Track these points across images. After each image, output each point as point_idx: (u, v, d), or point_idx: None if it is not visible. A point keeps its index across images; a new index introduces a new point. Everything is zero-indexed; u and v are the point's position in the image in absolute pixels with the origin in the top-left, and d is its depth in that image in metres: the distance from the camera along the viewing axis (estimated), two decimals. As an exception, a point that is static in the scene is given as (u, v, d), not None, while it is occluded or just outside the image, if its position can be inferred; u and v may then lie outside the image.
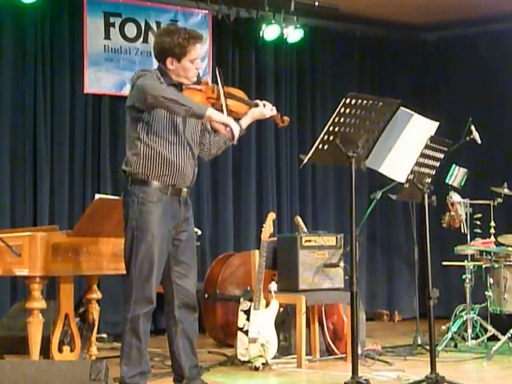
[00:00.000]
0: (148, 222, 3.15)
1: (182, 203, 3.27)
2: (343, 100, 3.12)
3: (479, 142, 4.97)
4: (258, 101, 3.41)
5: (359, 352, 3.58)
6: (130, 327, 3.16)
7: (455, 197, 5.05)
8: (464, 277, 5.04)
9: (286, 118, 3.47)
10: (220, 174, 6.33)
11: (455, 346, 4.87)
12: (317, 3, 6.21)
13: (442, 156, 3.58)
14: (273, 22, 6.25)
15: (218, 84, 3.31)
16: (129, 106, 3.24)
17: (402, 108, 3.35)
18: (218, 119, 3.15)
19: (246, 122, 3.39)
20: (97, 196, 3.76)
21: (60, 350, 3.77)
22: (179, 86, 3.27)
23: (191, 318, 3.32)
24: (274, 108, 3.42)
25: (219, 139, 3.43)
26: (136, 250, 3.16)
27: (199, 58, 3.30)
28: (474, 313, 4.97)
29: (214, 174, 6.31)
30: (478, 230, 5.19)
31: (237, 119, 3.32)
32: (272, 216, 4.52)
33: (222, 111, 3.25)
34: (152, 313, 3.25)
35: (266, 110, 3.39)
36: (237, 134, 3.15)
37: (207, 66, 4.37)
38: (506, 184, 5.14)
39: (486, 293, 4.99)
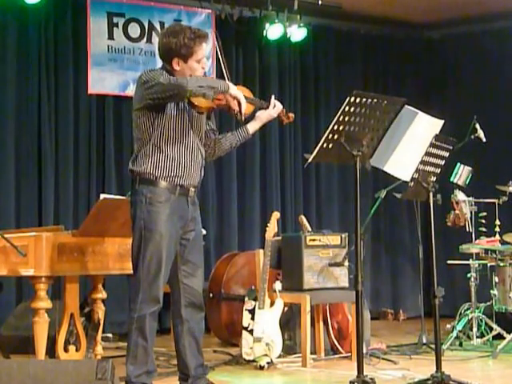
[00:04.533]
0: (156, 222, 3.15)
1: (190, 203, 3.27)
2: (348, 98, 3.11)
3: (484, 140, 4.96)
4: (272, 99, 3.37)
5: (364, 351, 3.57)
6: (136, 327, 3.16)
7: (460, 195, 5.04)
8: (469, 275, 5.03)
9: (291, 115, 3.44)
10: (224, 173, 6.33)
11: (460, 344, 4.86)
12: (320, 2, 6.21)
13: (447, 154, 3.58)
14: (276, 20, 6.25)
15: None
16: (140, 107, 3.18)
17: (406, 106, 3.34)
18: (235, 93, 3.20)
19: (254, 126, 3.40)
20: (102, 196, 3.76)
21: (65, 350, 3.78)
22: None
23: (197, 317, 3.31)
24: (279, 104, 3.39)
25: (225, 142, 3.42)
26: (144, 250, 3.15)
27: (205, 58, 3.30)
28: (479, 311, 4.96)
29: (218, 173, 6.32)
30: (483, 229, 5.19)
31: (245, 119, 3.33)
32: (276, 215, 4.52)
33: (228, 110, 3.27)
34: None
35: (273, 110, 3.38)
36: (244, 110, 3.20)
37: (211, 65, 4.37)
38: (510, 182, 5.13)
39: (491, 291, 4.98)
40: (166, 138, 3.19)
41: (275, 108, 3.38)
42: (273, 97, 3.40)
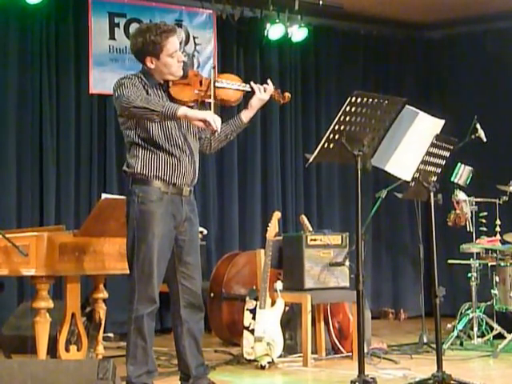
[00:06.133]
0: (148, 222, 3.15)
1: (185, 202, 3.25)
2: (349, 98, 3.11)
3: (484, 140, 4.97)
4: (253, 84, 3.28)
5: (365, 350, 3.58)
6: (134, 327, 3.16)
7: (460, 195, 5.05)
8: (470, 275, 5.04)
9: (287, 94, 3.36)
10: (225, 173, 6.34)
11: (461, 344, 4.86)
12: (321, 2, 6.21)
13: (447, 154, 3.58)
14: (277, 21, 6.26)
15: (210, 78, 3.24)
16: (119, 115, 3.23)
17: (407, 106, 3.35)
18: (192, 117, 3.06)
19: (247, 115, 3.34)
20: (103, 196, 3.77)
21: (67, 350, 3.78)
22: (165, 85, 3.24)
23: (197, 318, 3.32)
24: (271, 85, 3.31)
25: (220, 133, 3.34)
26: (137, 250, 3.15)
27: (179, 51, 3.23)
28: (480, 311, 4.97)
29: (219, 173, 6.32)
30: (484, 228, 5.19)
31: (244, 110, 3.27)
32: (277, 215, 4.53)
33: (210, 104, 3.20)
34: (157, 312, 3.25)
35: (263, 94, 3.29)
36: (218, 125, 3.04)
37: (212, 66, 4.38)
38: (511, 182, 5.14)
39: (492, 291, 4.99)
40: (151, 138, 3.18)
41: (266, 91, 3.30)
42: (251, 83, 3.31)
